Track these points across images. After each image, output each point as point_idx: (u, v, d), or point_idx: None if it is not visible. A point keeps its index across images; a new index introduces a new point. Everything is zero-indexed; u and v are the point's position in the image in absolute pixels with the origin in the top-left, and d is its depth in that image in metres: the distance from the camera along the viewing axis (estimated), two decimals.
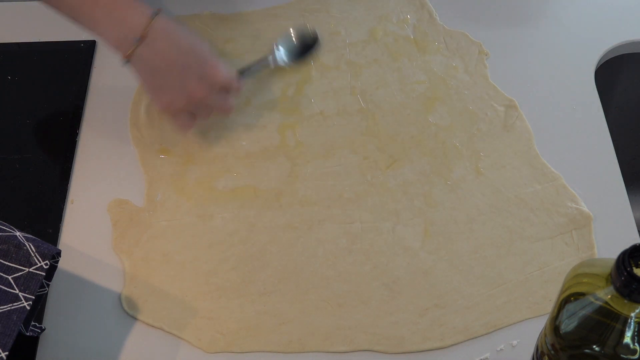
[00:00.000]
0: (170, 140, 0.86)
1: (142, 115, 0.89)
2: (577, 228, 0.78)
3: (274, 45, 0.91)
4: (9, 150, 0.86)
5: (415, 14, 0.97)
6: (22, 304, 0.64)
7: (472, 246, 0.77)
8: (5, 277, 0.64)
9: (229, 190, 0.82)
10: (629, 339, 0.51)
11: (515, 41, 0.95)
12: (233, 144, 0.86)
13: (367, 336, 0.72)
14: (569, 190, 0.81)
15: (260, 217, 0.80)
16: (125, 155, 0.86)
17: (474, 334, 0.72)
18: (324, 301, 0.74)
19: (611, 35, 0.95)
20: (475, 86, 0.90)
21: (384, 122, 0.87)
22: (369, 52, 0.94)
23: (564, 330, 0.54)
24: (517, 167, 0.83)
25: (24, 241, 0.65)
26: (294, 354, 0.72)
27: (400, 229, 0.79)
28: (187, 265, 0.77)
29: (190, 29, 0.81)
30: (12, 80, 0.93)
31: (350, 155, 0.85)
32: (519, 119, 0.87)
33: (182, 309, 0.74)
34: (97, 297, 0.75)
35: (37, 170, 0.85)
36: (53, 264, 0.66)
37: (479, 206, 0.80)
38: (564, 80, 0.91)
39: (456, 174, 0.83)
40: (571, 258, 0.76)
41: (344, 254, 0.77)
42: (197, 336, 0.72)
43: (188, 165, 0.84)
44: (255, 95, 0.90)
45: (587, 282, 0.53)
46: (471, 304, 0.74)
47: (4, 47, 0.96)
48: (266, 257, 0.77)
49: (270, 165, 0.84)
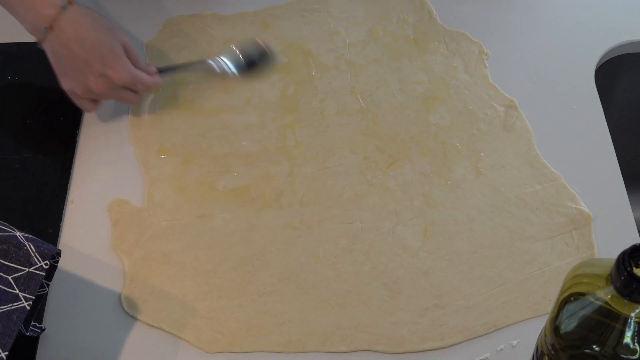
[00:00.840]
0: (170, 140, 0.86)
1: (142, 115, 0.89)
2: (577, 228, 0.78)
3: (220, 57, 0.90)
4: (9, 150, 0.86)
5: (415, 14, 0.97)
6: (22, 304, 0.64)
7: (472, 246, 0.77)
8: (5, 277, 0.64)
9: (229, 190, 0.82)
10: (629, 339, 0.51)
11: (515, 41, 0.95)
12: (233, 144, 0.86)
13: (367, 336, 0.72)
14: (569, 190, 0.81)
15: (260, 217, 0.80)
16: (125, 155, 0.86)
17: (474, 334, 0.72)
18: (324, 301, 0.74)
19: (611, 35, 0.95)
20: (475, 86, 0.90)
21: (384, 122, 0.87)
22: (369, 52, 0.94)
23: (564, 330, 0.54)
24: (517, 167, 0.83)
25: (24, 241, 0.65)
26: (294, 354, 0.72)
27: (400, 229, 0.79)
28: (187, 265, 0.77)
29: (106, 23, 0.81)
30: (12, 80, 0.93)
31: (350, 155, 0.85)
32: (519, 119, 0.87)
33: (182, 309, 0.74)
34: (97, 297, 0.75)
35: (37, 170, 0.85)
36: (53, 264, 0.66)
37: (479, 206, 0.80)
38: (564, 80, 0.91)
39: (456, 174, 0.83)
40: (571, 258, 0.76)
41: (344, 254, 0.77)
42: (197, 336, 0.72)
43: (188, 165, 0.84)
44: (255, 95, 0.90)
45: (587, 282, 0.53)
46: (471, 304, 0.74)
47: (4, 47, 0.96)
48: (266, 257, 0.77)
49: (270, 165, 0.84)
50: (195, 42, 0.96)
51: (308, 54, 0.94)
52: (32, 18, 0.78)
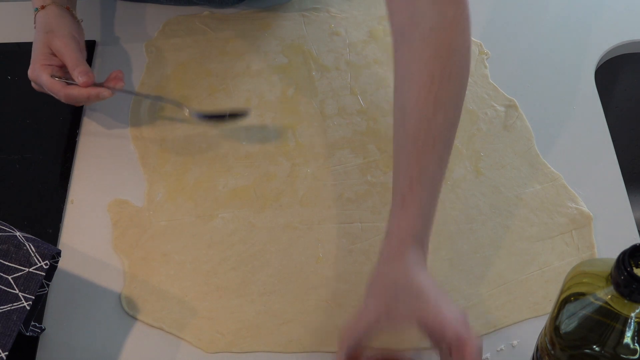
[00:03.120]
0: (170, 140, 0.86)
1: (143, 116, 0.89)
2: (577, 228, 0.78)
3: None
4: (9, 150, 0.86)
5: None
6: (22, 304, 0.64)
7: (472, 246, 0.77)
8: (5, 277, 0.64)
9: (229, 190, 0.82)
10: (629, 339, 0.52)
11: (515, 41, 0.95)
12: (233, 144, 0.86)
13: None
14: (569, 190, 0.81)
15: (260, 217, 0.80)
16: (125, 155, 0.86)
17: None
18: (324, 301, 0.74)
19: (611, 35, 0.95)
20: (475, 86, 0.90)
21: (384, 122, 0.87)
22: (369, 52, 0.94)
23: (564, 330, 0.54)
24: (517, 167, 0.83)
25: (24, 241, 0.65)
26: (294, 354, 0.72)
27: None
28: (187, 265, 0.77)
29: (69, 28, 0.83)
30: (12, 80, 0.93)
31: (350, 155, 0.85)
32: (519, 118, 0.87)
33: (182, 309, 0.74)
34: (97, 297, 0.75)
35: (37, 170, 0.85)
36: (53, 264, 0.66)
37: (479, 206, 0.80)
38: (564, 81, 0.91)
39: (456, 173, 0.83)
40: (571, 258, 0.76)
41: (344, 254, 0.77)
42: (197, 336, 0.72)
43: (188, 165, 0.84)
44: (255, 95, 0.90)
45: (587, 282, 0.54)
46: (471, 304, 0.74)
47: (4, 47, 0.96)
48: (266, 257, 0.77)
49: (270, 165, 0.84)
50: (195, 42, 0.96)
51: (308, 54, 0.94)
52: None
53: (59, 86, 0.80)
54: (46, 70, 0.80)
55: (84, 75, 0.80)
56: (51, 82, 0.80)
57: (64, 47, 0.81)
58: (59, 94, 0.81)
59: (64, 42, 0.81)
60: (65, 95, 0.80)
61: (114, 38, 0.96)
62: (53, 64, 0.81)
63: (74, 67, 0.80)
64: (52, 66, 0.81)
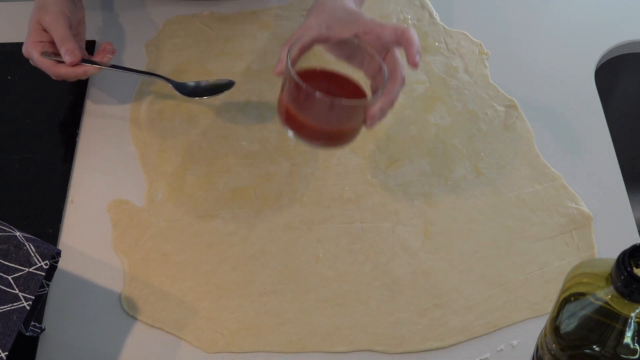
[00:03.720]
0: (170, 140, 0.86)
1: (142, 115, 0.89)
2: (577, 228, 0.78)
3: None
4: (9, 150, 0.86)
5: (415, 14, 0.97)
6: (22, 304, 0.64)
7: (472, 246, 0.77)
8: (5, 277, 0.64)
9: (229, 190, 0.82)
10: (629, 339, 0.52)
11: (515, 41, 0.95)
12: (233, 144, 0.86)
13: (367, 336, 0.72)
14: (569, 190, 0.81)
15: (260, 217, 0.80)
16: (125, 155, 0.86)
17: (474, 334, 0.72)
18: (324, 301, 0.74)
19: (611, 35, 0.95)
20: (475, 86, 0.90)
21: (384, 121, 0.87)
22: None
23: (564, 330, 0.54)
24: (517, 167, 0.83)
25: (24, 241, 0.65)
26: (294, 354, 0.72)
27: (400, 229, 0.79)
28: (187, 265, 0.77)
29: (61, 5, 0.83)
30: (12, 80, 0.93)
31: (350, 155, 0.85)
32: (519, 119, 0.87)
33: (182, 309, 0.74)
34: (97, 297, 0.75)
35: (37, 170, 0.85)
36: (53, 264, 0.66)
37: (479, 206, 0.80)
38: (564, 80, 0.91)
39: (456, 174, 0.83)
40: (571, 258, 0.76)
41: (344, 254, 0.77)
42: (197, 336, 0.72)
43: (188, 165, 0.84)
44: (255, 95, 0.90)
45: (587, 282, 0.54)
46: (471, 304, 0.74)
47: (4, 47, 0.96)
48: (266, 257, 0.77)
49: (270, 165, 0.84)
50: (195, 42, 0.96)
51: (308, 54, 0.93)
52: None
53: (48, 64, 0.82)
54: (37, 47, 0.82)
55: (70, 54, 0.81)
56: (41, 61, 0.82)
57: (52, 23, 0.82)
58: (49, 72, 0.83)
59: (52, 17, 0.82)
60: (54, 73, 0.83)
61: (114, 38, 0.96)
62: (44, 40, 0.83)
63: (61, 44, 0.81)
64: (44, 42, 0.83)
